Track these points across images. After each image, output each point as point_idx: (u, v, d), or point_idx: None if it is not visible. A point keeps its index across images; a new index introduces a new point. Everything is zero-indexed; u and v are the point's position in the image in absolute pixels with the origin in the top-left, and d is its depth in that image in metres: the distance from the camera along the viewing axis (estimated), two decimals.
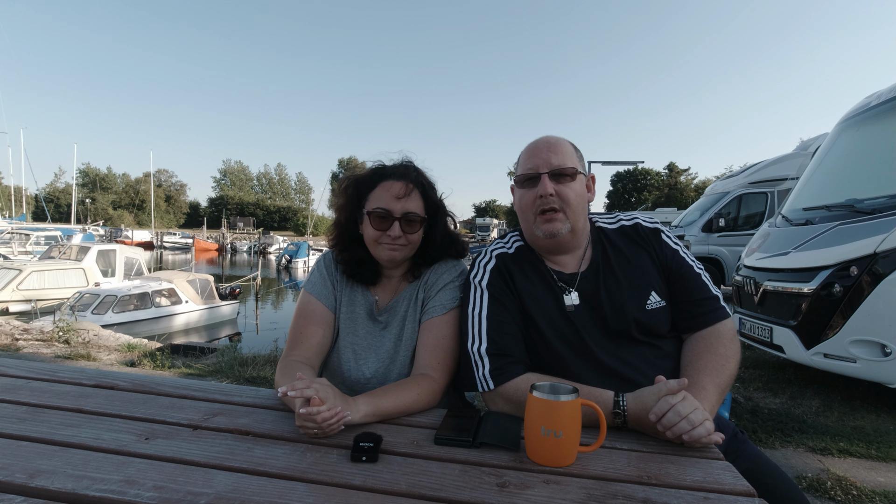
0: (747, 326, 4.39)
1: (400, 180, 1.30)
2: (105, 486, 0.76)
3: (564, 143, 1.26)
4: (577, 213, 1.21)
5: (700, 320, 1.22)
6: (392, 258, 1.30)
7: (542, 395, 0.90)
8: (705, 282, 1.26)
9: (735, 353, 1.18)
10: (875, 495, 2.30)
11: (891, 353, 3.15)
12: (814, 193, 4.45)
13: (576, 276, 1.24)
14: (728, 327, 1.22)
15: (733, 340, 1.20)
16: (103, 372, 1.40)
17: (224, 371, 4.87)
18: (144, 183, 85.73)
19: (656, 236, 1.30)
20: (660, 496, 0.78)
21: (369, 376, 1.32)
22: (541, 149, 1.24)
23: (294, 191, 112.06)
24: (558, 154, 1.22)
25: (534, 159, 1.23)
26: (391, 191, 1.29)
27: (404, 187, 1.29)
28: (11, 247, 19.56)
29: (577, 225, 1.22)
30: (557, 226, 1.20)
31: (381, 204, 1.28)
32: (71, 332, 6.61)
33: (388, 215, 1.27)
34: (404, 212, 1.28)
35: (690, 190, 66.47)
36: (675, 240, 1.31)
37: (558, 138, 1.27)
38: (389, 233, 1.27)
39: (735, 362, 1.17)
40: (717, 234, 9.60)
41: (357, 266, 1.36)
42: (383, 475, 0.83)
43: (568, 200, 1.20)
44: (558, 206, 1.20)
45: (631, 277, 1.23)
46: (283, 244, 42.77)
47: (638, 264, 1.25)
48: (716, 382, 1.11)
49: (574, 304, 1.21)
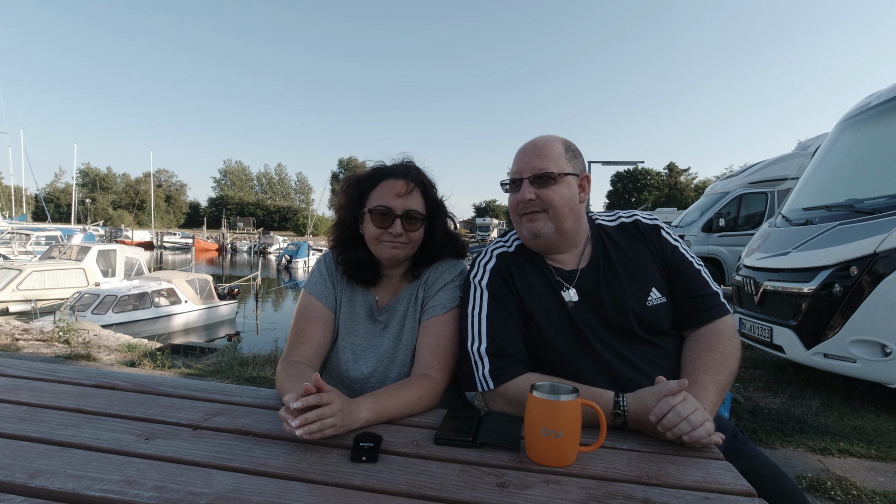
0: (747, 326, 4.39)
1: (401, 178, 1.31)
2: (105, 486, 0.76)
3: (552, 146, 1.24)
4: (562, 215, 1.21)
5: (700, 317, 1.22)
6: (393, 256, 1.31)
7: (542, 395, 0.90)
8: (705, 278, 1.26)
9: (735, 350, 1.18)
10: (875, 495, 2.30)
11: (891, 353, 3.15)
12: (814, 193, 4.45)
13: (575, 272, 1.24)
14: (728, 324, 1.22)
15: (733, 338, 1.20)
16: (103, 372, 1.40)
17: (224, 371, 4.87)
18: (144, 183, 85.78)
19: (656, 232, 1.30)
20: (660, 496, 0.78)
21: (368, 375, 1.32)
22: (526, 153, 1.24)
23: (294, 191, 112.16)
24: (542, 157, 1.21)
25: (518, 163, 1.25)
26: (393, 189, 1.30)
27: (405, 185, 1.30)
28: (12, 247, 19.55)
29: (563, 226, 1.22)
30: (539, 225, 1.21)
31: (382, 202, 1.29)
32: (71, 332, 6.61)
33: (389, 213, 1.28)
34: (405, 209, 1.29)
35: (690, 190, 66.54)
36: (675, 236, 1.31)
37: (547, 139, 1.25)
38: (391, 230, 1.27)
39: (735, 360, 1.17)
40: (717, 234, 9.60)
41: (358, 267, 1.36)
42: (383, 475, 0.83)
43: (551, 203, 1.20)
44: (540, 209, 1.21)
45: (631, 273, 1.23)
46: (283, 244, 42.79)
47: (638, 260, 1.25)
48: (716, 381, 1.11)
49: (573, 301, 1.21)
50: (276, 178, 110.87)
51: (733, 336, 1.21)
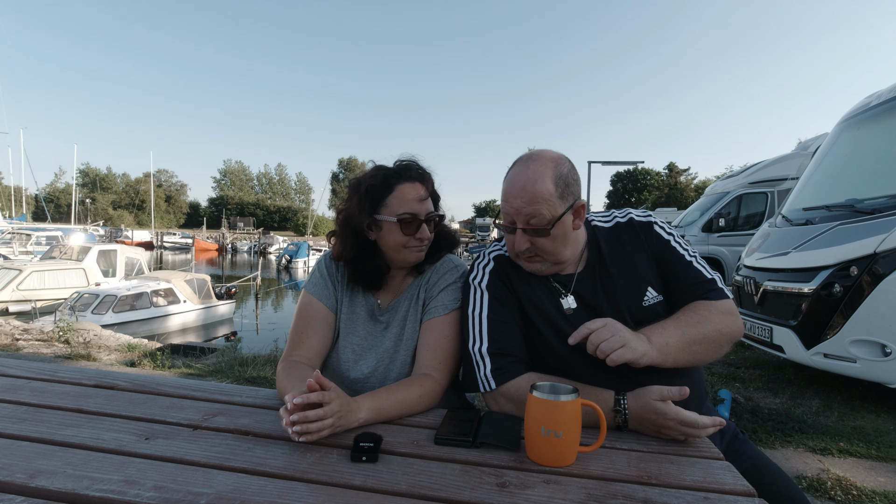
0: (747, 326, 4.39)
1: (417, 181, 1.30)
2: (105, 486, 0.76)
3: (543, 187, 1.13)
4: (559, 252, 1.18)
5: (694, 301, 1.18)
6: (419, 259, 1.33)
7: (543, 395, 0.90)
8: (698, 267, 1.22)
9: (727, 326, 1.12)
10: (875, 495, 2.30)
11: (891, 353, 3.15)
12: (814, 193, 4.45)
13: (573, 277, 1.24)
14: (726, 305, 1.16)
15: (727, 315, 1.14)
16: (103, 372, 1.40)
17: (224, 371, 4.87)
18: (144, 183, 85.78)
19: (649, 229, 1.27)
20: (660, 496, 0.78)
21: (368, 375, 1.32)
22: (515, 195, 1.15)
23: (294, 191, 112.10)
24: (534, 203, 1.13)
25: (509, 205, 1.17)
26: (414, 194, 1.28)
27: (423, 188, 1.30)
28: (12, 247, 19.54)
29: (560, 258, 1.20)
30: (537, 266, 1.21)
31: (407, 209, 1.27)
32: (71, 332, 6.62)
33: (415, 219, 1.28)
34: (428, 212, 1.30)
35: (690, 190, 66.55)
36: (670, 230, 1.28)
37: (537, 178, 1.13)
38: (419, 236, 1.28)
39: (720, 332, 1.11)
40: (717, 234, 9.60)
41: (369, 275, 1.35)
42: (383, 475, 0.83)
43: (544, 250, 1.17)
44: (535, 254, 1.19)
45: (627, 274, 1.22)
46: (284, 244, 42.80)
47: (633, 260, 1.23)
48: (681, 330, 1.08)
49: (572, 308, 1.20)
50: (276, 178, 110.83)
51: (728, 314, 1.14)
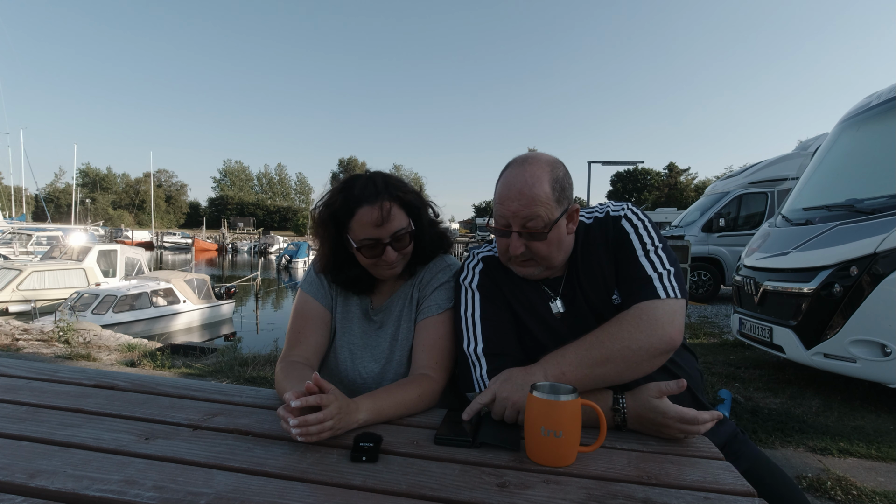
0: (747, 326, 4.39)
1: (374, 204, 1.20)
2: (105, 486, 0.76)
3: (539, 189, 1.10)
4: (553, 256, 1.17)
5: (625, 305, 1.10)
6: (393, 275, 1.31)
7: (542, 395, 0.90)
8: (644, 262, 1.12)
9: (639, 340, 1.02)
10: (875, 495, 2.30)
11: (891, 353, 3.15)
12: (814, 193, 4.45)
13: (561, 279, 1.23)
14: (650, 309, 1.05)
15: (646, 323, 1.03)
16: (103, 372, 1.40)
17: (224, 371, 4.88)
18: (144, 183, 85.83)
19: (616, 224, 1.21)
20: (660, 496, 0.78)
21: (366, 376, 1.32)
22: (513, 197, 1.11)
23: (294, 191, 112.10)
24: (531, 206, 1.10)
25: (504, 208, 1.13)
26: (370, 219, 1.20)
27: (379, 211, 1.20)
28: (13, 247, 19.53)
29: (553, 262, 1.18)
30: (531, 270, 1.19)
31: (365, 235, 1.22)
32: (71, 332, 6.62)
33: (377, 243, 1.23)
34: (390, 233, 1.22)
35: (690, 190, 66.56)
36: (639, 219, 1.19)
37: (535, 181, 1.10)
38: (384, 258, 1.24)
39: (628, 348, 1.01)
40: (717, 234, 9.61)
41: (354, 282, 1.35)
42: (383, 475, 0.83)
43: (539, 254, 1.16)
44: (529, 258, 1.17)
45: (599, 273, 1.19)
46: (284, 244, 42.79)
47: (601, 260, 1.20)
48: (580, 354, 1.03)
49: (560, 311, 1.20)
50: (276, 178, 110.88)
51: (647, 321, 1.03)
